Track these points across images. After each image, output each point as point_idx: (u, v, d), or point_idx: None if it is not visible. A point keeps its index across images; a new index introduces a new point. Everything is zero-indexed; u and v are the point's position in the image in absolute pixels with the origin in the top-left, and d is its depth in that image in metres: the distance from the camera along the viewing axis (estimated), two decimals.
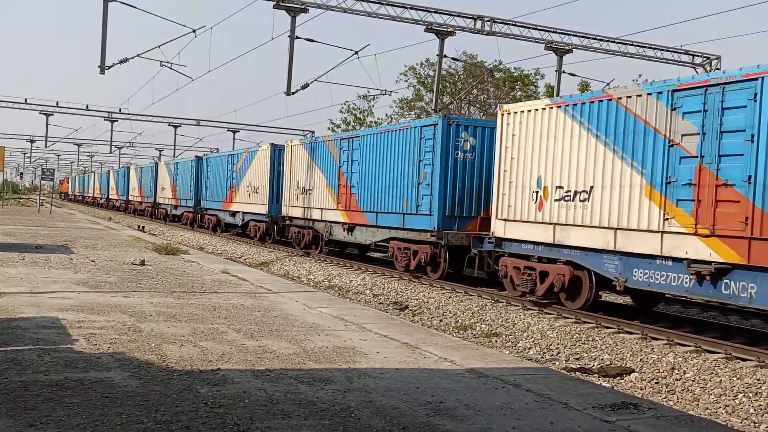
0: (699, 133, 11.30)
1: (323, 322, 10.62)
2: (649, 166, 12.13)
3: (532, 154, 15.00)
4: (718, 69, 28.53)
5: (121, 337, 8.74)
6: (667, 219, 11.72)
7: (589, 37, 27.30)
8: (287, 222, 28.25)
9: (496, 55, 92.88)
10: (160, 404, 6.03)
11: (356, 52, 25.58)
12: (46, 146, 63.36)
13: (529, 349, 12.14)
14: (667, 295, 14.86)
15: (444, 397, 6.69)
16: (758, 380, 9.43)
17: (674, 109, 11.75)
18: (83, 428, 5.36)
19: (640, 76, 42.18)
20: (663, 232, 11.77)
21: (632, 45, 28.03)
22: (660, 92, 12.06)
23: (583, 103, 13.72)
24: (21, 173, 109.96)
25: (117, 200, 66.75)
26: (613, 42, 27.69)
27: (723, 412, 8.79)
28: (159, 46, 26.07)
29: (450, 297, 16.19)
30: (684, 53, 28.84)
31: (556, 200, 14.31)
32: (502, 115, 15.95)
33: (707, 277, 11.07)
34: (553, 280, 14.11)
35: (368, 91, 48.45)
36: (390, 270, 20.38)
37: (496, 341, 12.75)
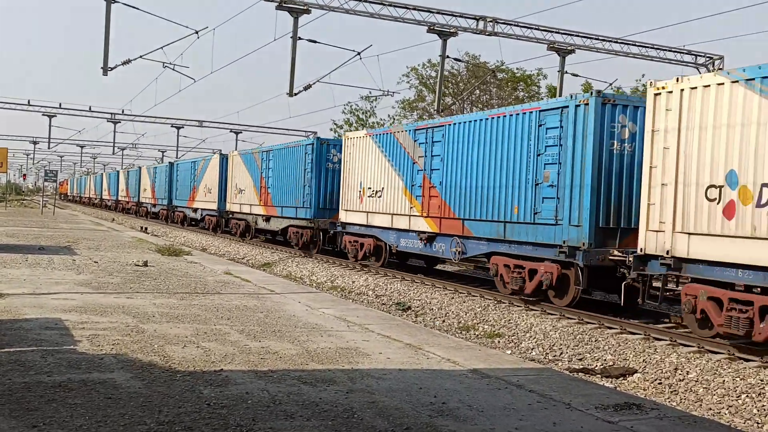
0: (424, 156, 18.64)
1: (326, 323, 10.62)
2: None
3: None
4: (721, 69, 28.52)
5: (124, 338, 8.75)
6: (411, 207, 19.10)
7: (592, 38, 27.28)
8: (230, 216, 34.81)
9: (498, 55, 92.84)
10: (162, 405, 6.03)
11: (358, 53, 25.60)
12: (49, 148, 63.40)
13: (532, 349, 12.14)
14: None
15: (447, 398, 6.68)
16: (761, 381, 9.41)
17: (415, 140, 19.08)
18: (86, 429, 5.37)
19: (643, 75, 42.15)
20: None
21: (635, 45, 28.00)
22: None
23: None
24: (24, 175, 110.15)
25: (108, 200, 74.53)
26: (616, 42, 27.67)
27: (726, 412, 8.77)
28: (162, 48, 26.15)
29: (453, 298, 16.18)
30: (687, 53, 28.81)
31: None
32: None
33: (425, 241, 18.36)
34: None
35: (370, 92, 48.47)
36: (392, 271, 20.33)
37: (499, 342, 12.74)
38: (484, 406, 6.50)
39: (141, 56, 26.44)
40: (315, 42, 24.68)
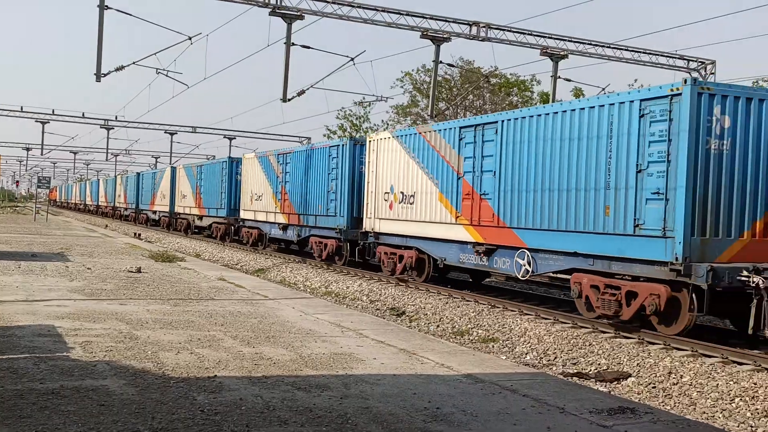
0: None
1: (320, 329, 10.61)
2: None
3: None
4: (713, 74, 28.67)
5: (118, 344, 8.72)
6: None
7: (585, 43, 27.38)
8: (178, 216, 43.14)
9: (491, 60, 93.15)
10: (156, 412, 6.01)
11: (352, 59, 25.62)
12: (42, 154, 63.33)
13: (526, 354, 12.14)
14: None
15: (441, 403, 6.68)
16: (755, 384, 9.43)
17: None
18: None
19: (636, 80, 42.35)
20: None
21: (627, 50, 28.11)
22: None
23: None
24: (17, 181, 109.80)
25: (90, 205, 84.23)
26: (608, 47, 27.77)
27: (720, 416, 8.79)
28: (155, 54, 26.12)
29: (447, 303, 16.18)
30: (679, 58, 28.94)
31: None
32: None
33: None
34: None
35: (364, 98, 48.55)
36: (386, 276, 20.31)
37: (493, 346, 12.74)
38: (479, 410, 6.50)
39: (134, 62, 26.46)
40: (308, 48, 24.73)
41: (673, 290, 11.67)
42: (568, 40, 27.10)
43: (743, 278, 11.08)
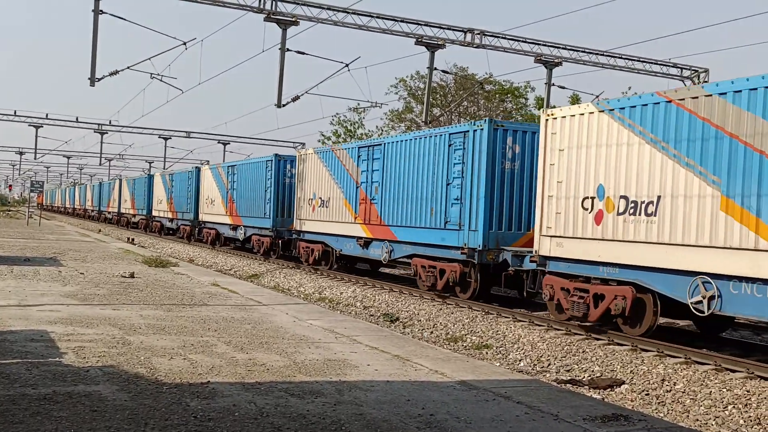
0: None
1: (313, 335, 10.59)
2: None
3: None
4: (706, 81, 28.79)
5: (110, 350, 8.69)
6: None
7: (579, 50, 27.48)
8: (154, 218, 47.85)
9: (486, 67, 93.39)
10: (149, 418, 5.99)
11: (347, 65, 25.64)
12: (35, 158, 63.12)
13: (520, 361, 12.14)
14: None
15: (435, 410, 6.68)
16: (748, 392, 9.45)
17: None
18: None
19: (629, 88, 42.47)
20: None
21: (621, 58, 28.22)
22: None
23: None
24: (10, 185, 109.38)
25: (71, 208, 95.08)
26: (602, 55, 27.88)
27: (713, 423, 8.80)
28: (149, 59, 26.07)
29: (441, 309, 16.18)
30: (672, 66, 29.07)
31: None
32: None
33: None
34: None
35: (359, 104, 48.51)
36: (380, 282, 20.32)
37: (487, 353, 12.74)
38: (472, 417, 6.50)
39: (128, 67, 26.40)
40: (303, 53, 24.75)
41: (464, 267, 16.42)
42: (563, 48, 27.20)
43: (518, 258, 14.88)
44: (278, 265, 26.65)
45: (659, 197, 11.70)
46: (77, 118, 49.63)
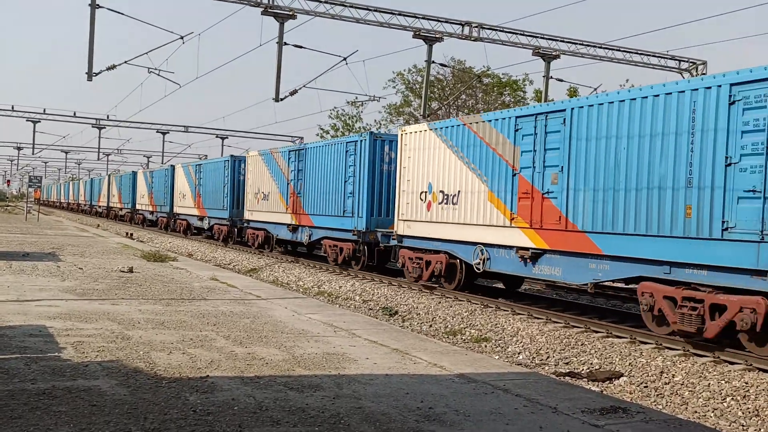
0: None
1: (312, 329, 10.60)
2: None
3: None
4: (704, 74, 28.75)
5: (109, 344, 8.69)
6: None
7: (577, 43, 27.45)
8: (137, 212, 52.75)
9: (484, 60, 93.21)
10: (148, 412, 6.00)
11: (344, 59, 25.62)
12: (33, 153, 63.06)
13: (519, 353, 12.16)
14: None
15: (433, 403, 6.69)
16: (746, 383, 9.47)
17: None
18: None
19: (627, 80, 42.44)
20: None
21: (619, 50, 28.20)
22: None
23: None
24: (8, 180, 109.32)
25: (66, 203, 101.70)
26: (600, 47, 27.85)
27: (711, 415, 8.82)
28: (147, 53, 26.07)
29: (439, 302, 16.19)
30: (670, 59, 29.04)
31: None
32: None
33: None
34: None
35: (356, 97, 48.48)
36: (379, 276, 20.32)
37: (486, 346, 12.76)
38: (471, 410, 6.51)
39: (126, 61, 26.39)
40: (301, 47, 24.72)
41: (355, 245, 20.90)
42: (560, 41, 27.16)
43: (386, 237, 19.61)
44: (276, 259, 26.66)
45: (459, 191, 16.64)
46: (75, 113, 49.56)
